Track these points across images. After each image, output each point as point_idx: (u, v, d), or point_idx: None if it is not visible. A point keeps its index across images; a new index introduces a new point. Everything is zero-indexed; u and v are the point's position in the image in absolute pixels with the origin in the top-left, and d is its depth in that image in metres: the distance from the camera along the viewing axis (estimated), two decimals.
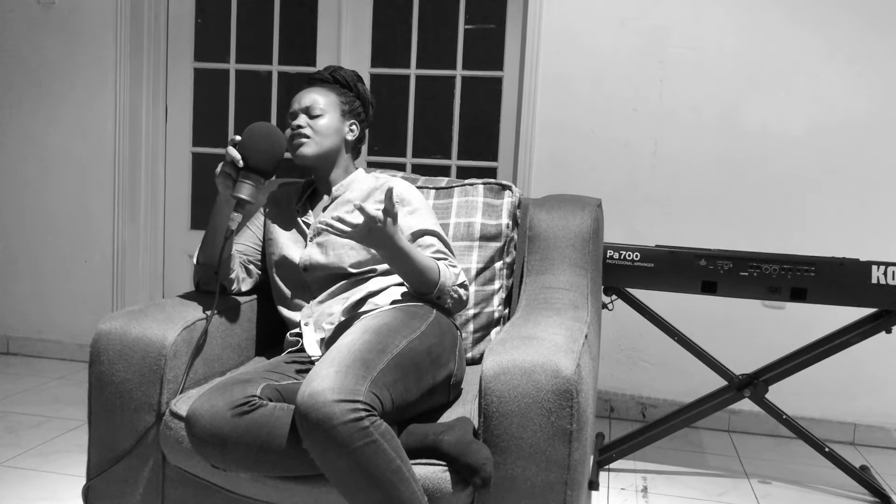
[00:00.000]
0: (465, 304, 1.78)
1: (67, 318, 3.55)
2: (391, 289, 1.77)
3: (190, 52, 3.46)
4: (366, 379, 1.37)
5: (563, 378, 1.40)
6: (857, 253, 2.88)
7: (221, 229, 1.77)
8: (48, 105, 3.45)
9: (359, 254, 1.79)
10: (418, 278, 1.66)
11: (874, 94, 2.82)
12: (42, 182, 3.50)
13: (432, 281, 1.68)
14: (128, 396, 1.61)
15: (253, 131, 1.70)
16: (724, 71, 2.91)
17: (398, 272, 1.66)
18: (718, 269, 2.32)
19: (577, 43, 2.99)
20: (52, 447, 2.51)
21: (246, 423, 1.40)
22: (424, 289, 1.69)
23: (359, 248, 1.79)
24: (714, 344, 3.01)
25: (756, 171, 2.92)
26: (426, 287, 1.68)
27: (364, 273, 1.79)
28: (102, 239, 3.47)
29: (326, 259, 1.80)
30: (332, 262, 1.79)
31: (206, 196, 3.54)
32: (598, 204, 2.12)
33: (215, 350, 1.77)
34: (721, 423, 3.03)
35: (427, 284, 1.68)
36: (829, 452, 2.42)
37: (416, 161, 3.32)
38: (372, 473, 1.31)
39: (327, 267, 1.80)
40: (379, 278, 1.78)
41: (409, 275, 1.66)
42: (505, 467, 1.43)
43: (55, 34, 3.41)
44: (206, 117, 3.51)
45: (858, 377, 2.93)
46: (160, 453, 1.61)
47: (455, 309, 1.76)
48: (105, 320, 1.66)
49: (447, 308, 1.75)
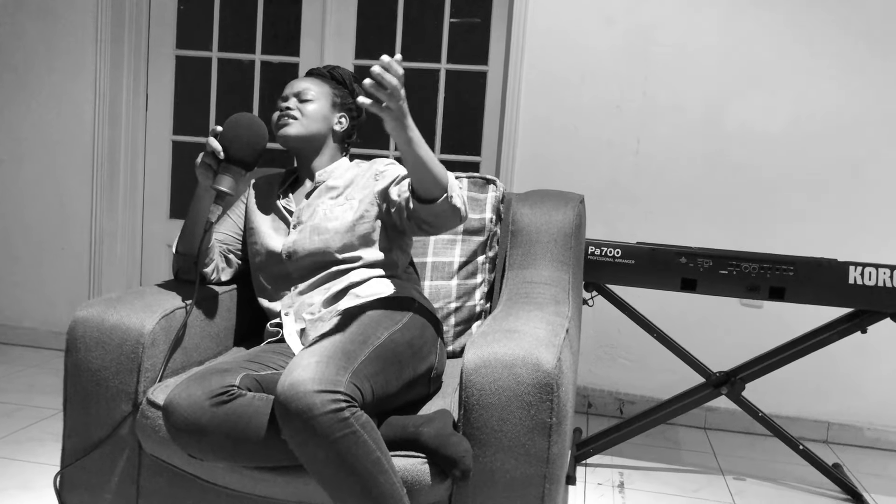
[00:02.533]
0: (466, 215, 1.62)
1: (43, 307, 3.50)
2: (372, 281, 1.76)
3: (172, 40, 3.42)
4: (347, 370, 1.36)
5: (544, 372, 1.40)
6: (835, 253, 2.91)
7: (201, 220, 1.75)
8: (26, 91, 3.39)
9: (344, 237, 1.77)
10: (435, 169, 1.50)
11: (854, 94, 2.85)
12: (18, 168, 3.44)
13: (444, 174, 1.53)
14: (104, 384, 1.59)
15: (235, 122, 1.69)
16: (708, 70, 2.92)
17: (418, 160, 1.48)
18: (698, 266, 2.33)
19: (563, 39, 2.99)
20: (25, 435, 2.47)
21: (224, 413, 1.39)
22: (439, 184, 1.52)
23: (344, 233, 1.77)
24: (692, 341, 3.03)
25: (737, 170, 2.94)
26: (440, 181, 1.52)
27: (349, 260, 1.77)
28: (80, 226, 3.43)
29: (311, 245, 1.78)
30: (318, 248, 1.77)
31: (185, 185, 3.51)
32: (580, 200, 2.13)
33: (194, 339, 1.75)
34: (698, 421, 3.05)
35: (441, 178, 1.52)
36: (803, 450, 2.45)
37: (399, 154, 3.31)
38: (351, 464, 1.30)
39: (312, 254, 1.78)
40: (361, 270, 1.77)
41: (428, 163, 1.49)
42: (484, 460, 1.43)
43: (33, 18, 3.35)
44: (188, 106, 3.47)
45: (833, 377, 2.97)
46: (136, 442, 1.59)
47: (461, 217, 1.59)
48: (82, 307, 1.64)
49: (458, 211, 1.57)
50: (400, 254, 1.84)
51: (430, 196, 1.55)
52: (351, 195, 1.83)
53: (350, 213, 1.79)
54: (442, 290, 1.99)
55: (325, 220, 1.79)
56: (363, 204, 1.80)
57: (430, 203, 1.56)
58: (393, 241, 1.82)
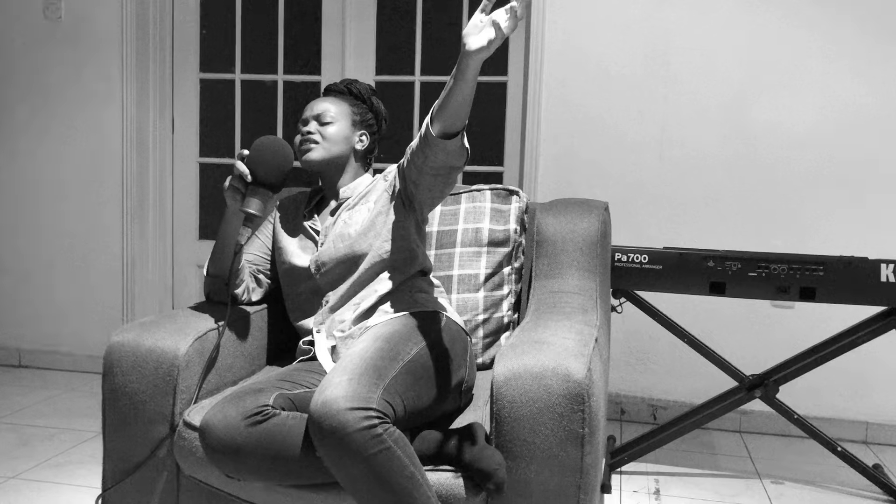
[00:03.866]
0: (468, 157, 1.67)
1: (79, 330, 3.57)
2: (401, 295, 1.78)
3: (195, 63, 3.48)
4: (378, 386, 1.38)
5: (574, 382, 1.41)
6: (866, 251, 2.88)
7: (231, 242, 1.78)
8: (56, 119, 3.47)
9: (366, 237, 1.80)
10: (467, 107, 1.53)
11: (879, 91, 2.82)
12: (53, 196, 3.52)
13: (467, 115, 1.57)
14: (141, 408, 1.62)
15: (261, 145, 1.72)
16: (729, 72, 2.91)
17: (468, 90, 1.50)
18: (727, 269, 2.32)
19: (581, 47, 2.99)
20: (65, 458, 2.52)
21: (259, 433, 1.41)
22: (464, 118, 1.56)
23: (364, 233, 1.80)
24: (724, 345, 3.00)
25: (762, 171, 2.92)
26: (464, 119, 1.56)
27: (374, 260, 1.79)
28: (112, 251, 3.49)
29: (337, 253, 1.80)
30: (344, 254, 1.80)
31: (213, 206, 3.56)
32: (605, 207, 2.13)
33: (227, 360, 1.78)
34: (732, 424, 3.02)
35: (465, 117, 1.56)
36: (842, 451, 2.41)
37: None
38: (386, 480, 1.32)
39: (340, 262, 1.80)
40: (386, 274, 1.79)
41: (467, 100, 1.52)
42: (517, 472, 1.43)
43: (62, 50, 3.43)
44: (213, 127, 3.53)
45: (870, 375, 2.93)
46: (174, 464, 1.62)
47: (467, 156, 1.65)
48: (117, 332, 1.67)
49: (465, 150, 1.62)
50: (419, 245, 1.85)
51: (454, 129, 1.57)
52: (367, 200, 1.86)
53: (367, 213, 1.83)
54: (469, 303, 2.00)
55: (347, 227, 1.82)
56: (378, 204, 1.84)
57: (450, 138, 1.58)
58: (409, 230, 1.83)
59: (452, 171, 1.67)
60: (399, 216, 1.82)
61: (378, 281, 1.79)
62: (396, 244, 1.80)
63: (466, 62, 1.46)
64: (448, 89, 1.51)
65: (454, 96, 1.51)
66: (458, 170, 1.68)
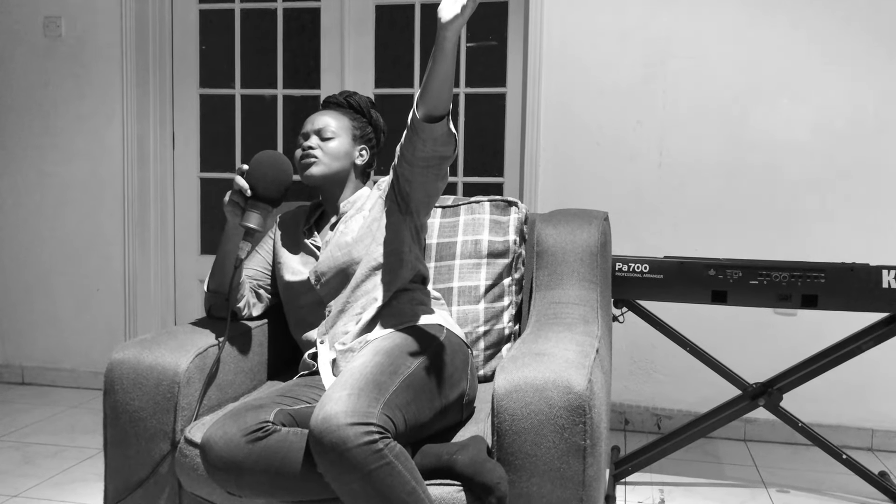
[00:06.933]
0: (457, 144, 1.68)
1: (81, 347, 3.57)
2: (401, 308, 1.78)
3: (195, 79, 3.49)
4: (378, 401, 1.37)
5: (575, 394, 1.40)
6: (867, 258, 2.87)
7: (231, 257, 1.78)
8: (57, 136, 3.48)
9: (363, 243, 1.81)
10: (451, 84, 1.55)
11: (876, 97, 2.82)
12: (54, 213, 3.53)
13: (451, 96, 1.58)
14: (142, 425, 1.62)
15: (260, 160, 1.72)
16: (727, 79, 2.91)
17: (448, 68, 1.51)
18: (728, 278, 2.31)
19: (579, 57, 3.00)
20: (68, 476, 2.52)
21: (260, 450, 1.41)
22: (447, 101, 1.56)
23: (361, 238, 1.81)
24: (727, 353, 3.00)
25: (762, 178, 2.92)
26: (449, 98, 1.56)
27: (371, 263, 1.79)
28: (114, 267, 3.49)
29: (335, 261, 1.81)
30: (343, 262, 1.80)
31: (215, 220, 3.57)
32: (604, 217, 2.12)
33: (228, 376, 1.78)
34: (737, 433, 3.01)
35: (450, 96, 1.56)
36: (847, 459, 2.40)
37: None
38: (387, 495, 1.31)
39: (339, 270, 1.80)
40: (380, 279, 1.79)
41: (451, 76, 1.53)
42: (520, 485, 1.43)
43: (62, 66, 3.45)
44: (213, 142, 3.54)
45: (874, 382, 2.91)
46: (176, 481, 1.61)
47: (455, 142, 1.66)
48: (118, 349, 1.67)
49: (453, 136, 1.63)
50: (411, 249, 1.85)
51: (438, 112, 1.57)
52: (363, 209, 1.87)
53: (363, 220, 1.84)
54: (470, 315, 2.00)
55: (343, 236, 1.84)
56: (373, 211, 1.85)
57: (436, 122, 1.58)
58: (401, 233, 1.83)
59: (443, 161, 1.68)
60: (393, 218, 1.82)
61: (375, 287, 1.79)
62: (387, 247, 1.80)
63: (444, 34, 1.46)
64: (429, 69, 1.53)
65: (436, 74, 1.51)
66: (448, 160, 1.69)
